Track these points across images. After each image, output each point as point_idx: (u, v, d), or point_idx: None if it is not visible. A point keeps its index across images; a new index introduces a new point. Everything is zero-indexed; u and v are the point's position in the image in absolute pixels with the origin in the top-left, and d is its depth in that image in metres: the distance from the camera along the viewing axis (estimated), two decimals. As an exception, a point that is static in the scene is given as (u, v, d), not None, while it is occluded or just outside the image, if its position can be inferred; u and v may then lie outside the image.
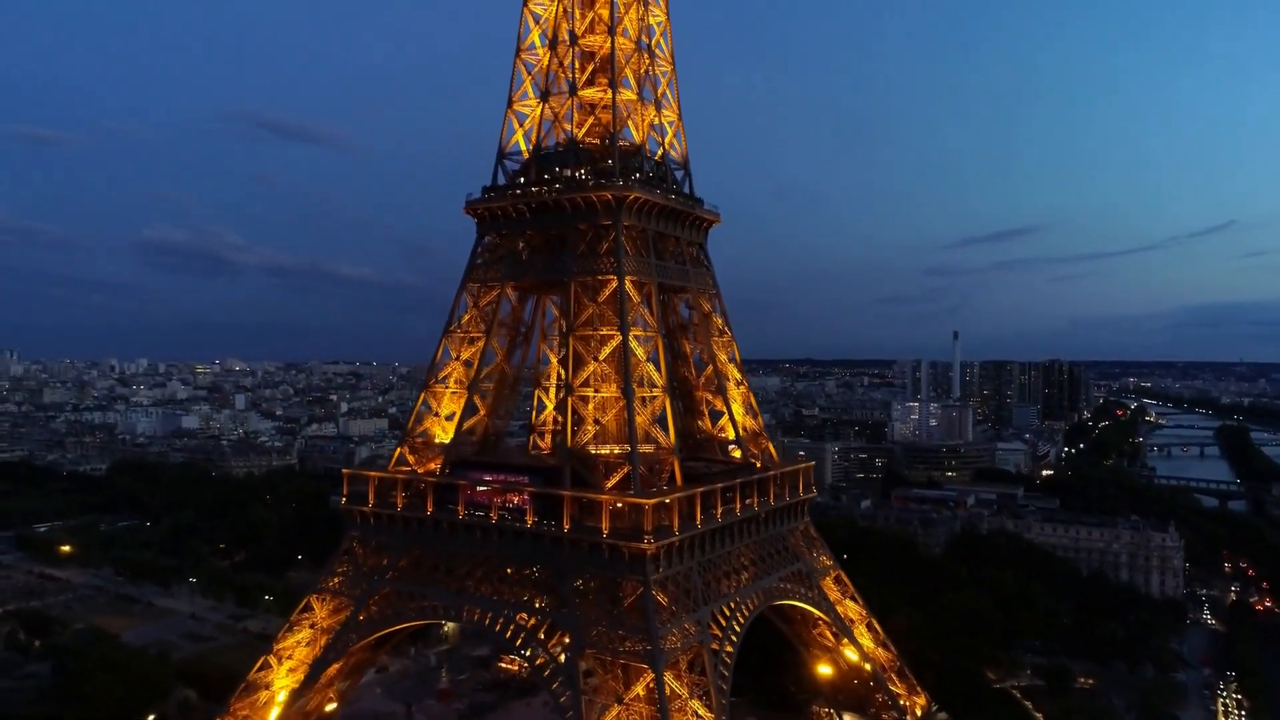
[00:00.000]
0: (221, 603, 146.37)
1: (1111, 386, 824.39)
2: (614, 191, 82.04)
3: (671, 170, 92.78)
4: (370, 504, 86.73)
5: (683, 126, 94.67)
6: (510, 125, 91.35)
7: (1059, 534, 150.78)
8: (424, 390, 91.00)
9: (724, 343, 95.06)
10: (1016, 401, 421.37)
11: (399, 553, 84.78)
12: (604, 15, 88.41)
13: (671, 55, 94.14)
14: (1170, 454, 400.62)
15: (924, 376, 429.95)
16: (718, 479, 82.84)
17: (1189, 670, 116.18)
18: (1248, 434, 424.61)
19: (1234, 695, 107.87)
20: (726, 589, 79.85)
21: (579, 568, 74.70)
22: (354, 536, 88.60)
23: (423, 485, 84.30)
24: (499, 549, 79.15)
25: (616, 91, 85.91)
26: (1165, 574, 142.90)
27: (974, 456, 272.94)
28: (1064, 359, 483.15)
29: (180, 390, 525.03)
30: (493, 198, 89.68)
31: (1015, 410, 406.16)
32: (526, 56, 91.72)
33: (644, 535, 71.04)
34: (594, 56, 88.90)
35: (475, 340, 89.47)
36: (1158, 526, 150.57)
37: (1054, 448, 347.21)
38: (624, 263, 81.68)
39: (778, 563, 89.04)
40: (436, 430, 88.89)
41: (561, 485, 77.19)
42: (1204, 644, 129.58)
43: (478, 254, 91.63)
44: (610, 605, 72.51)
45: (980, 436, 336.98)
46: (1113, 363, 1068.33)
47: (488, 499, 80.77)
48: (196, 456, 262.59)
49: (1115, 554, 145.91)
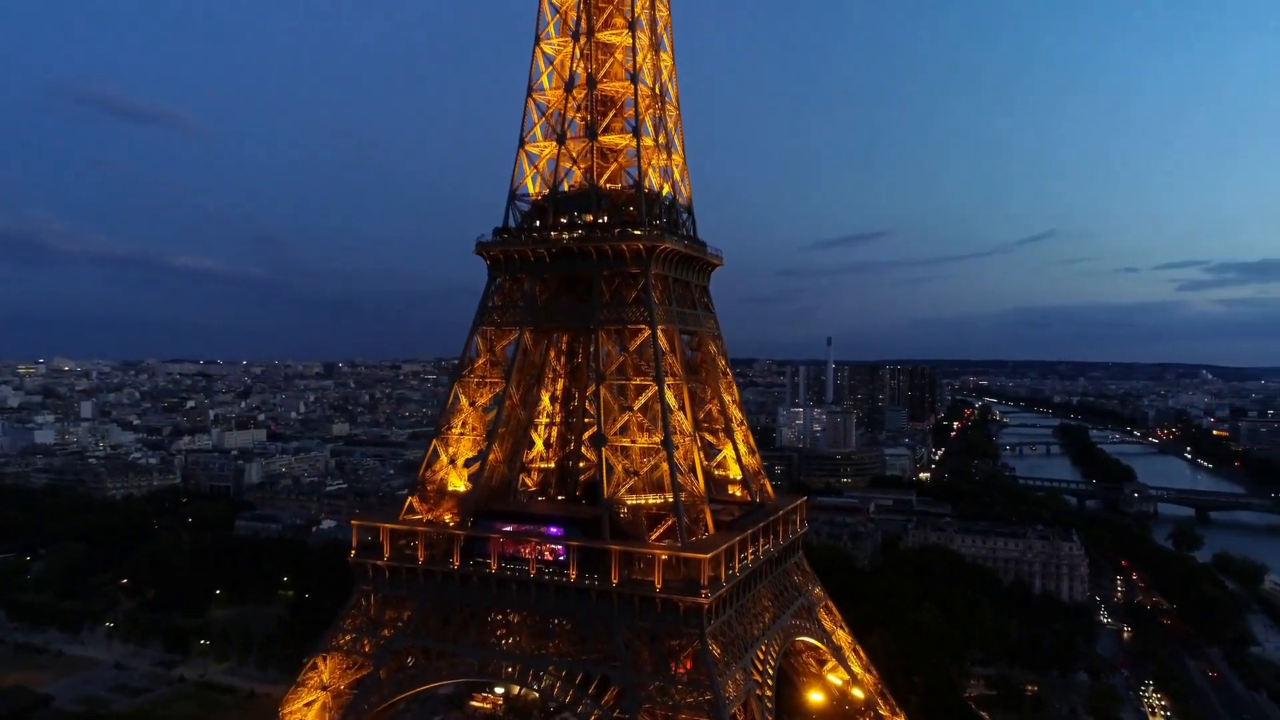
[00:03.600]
0: (145, 648, 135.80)
1: (953, 385, 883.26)
2: (645, 242, 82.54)
3: (680, 213, 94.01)
4: (385, 556, 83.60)
5: (687, 169, 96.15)
6: (521, 166, 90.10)
7: (979, 545, 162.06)
8: (435, 438, 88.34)
9: (727, 383, 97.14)
10: (888, 404, 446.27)
11: (420, 608, 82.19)
12: (621, 60, 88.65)
13: (678, 99, 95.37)
14: (1021, 453, 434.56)
15: (802, 382, 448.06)
16: (736, 521, 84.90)
17: (1114, 673, 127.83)
18: (1087, 433, 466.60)
19: (1156, 696, 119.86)
20: (757, 632, 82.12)
21: (628, 622, 74.92)
22: (365, 590, 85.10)
23: (448, 536, 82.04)
24: (537, 603, 78.18)
25: (640, 139, 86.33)
26: (1073, 580, 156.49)
27: (867, 463, 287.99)
28: (911, 359, 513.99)
29: (10, 395, 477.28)
30: (509, 240, 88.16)
31: (887, 413, 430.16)
32: (538, 97, 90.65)
33: (700, 589, 72.25)
34: (613, 102, 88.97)
35: (492, 385, 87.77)
36: (1063, 536, 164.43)
37: (926, 450, 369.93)
38: (655, 312, 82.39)
39: (788, 600, 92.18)
40: (451, 478, 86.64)
41: (603, 537, 77.15)
42: (1112, 645, 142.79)
43: (491, 296, 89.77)
44: (663, 659, 73.23)
45: (859, 440, 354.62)
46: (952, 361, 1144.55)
47: (522, 551, 79.67)
48: (64, 478, 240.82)
49: (1029, 563, 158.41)
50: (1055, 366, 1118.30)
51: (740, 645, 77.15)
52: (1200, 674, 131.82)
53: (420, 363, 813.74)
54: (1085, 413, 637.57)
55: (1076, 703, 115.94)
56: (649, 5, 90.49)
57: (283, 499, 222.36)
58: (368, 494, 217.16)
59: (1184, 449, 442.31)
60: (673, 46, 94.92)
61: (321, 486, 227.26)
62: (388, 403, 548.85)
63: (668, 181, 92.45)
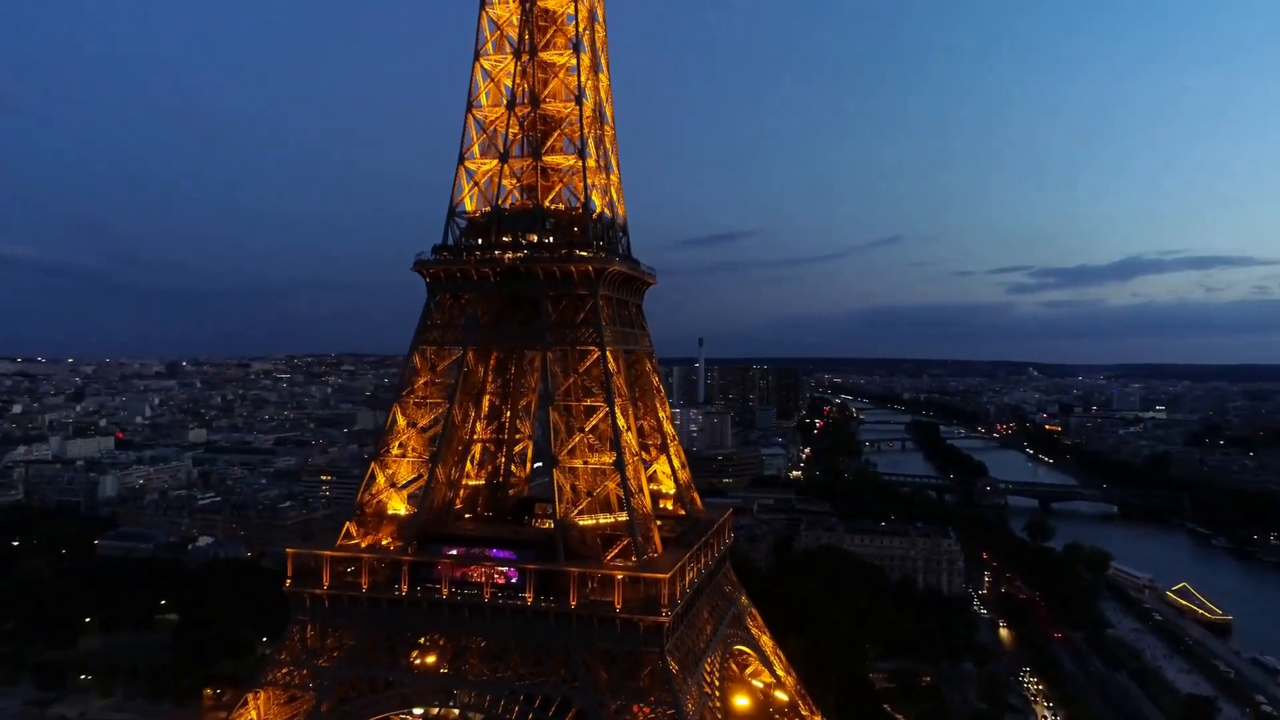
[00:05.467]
0: (12, 686, 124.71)
1: (810, 383, 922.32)
2: (595, 264, 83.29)
3: (618, 233, 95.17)
4: (326, 585, 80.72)
5: (622, 188, 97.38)
6: (460, 183, 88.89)
7: (867, 544, 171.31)
8: (374, 460, 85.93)
9: (660, 399, 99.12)
10: (758, 404, 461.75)
11: (364, 636, 79.88)
12: (563, 80, 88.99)
13: (613, 119, 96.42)
14: (880, 449, 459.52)
15: (675, 382, 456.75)
16: (682, 537, 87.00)
17: (996, 661, 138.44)
18: (938, 430, 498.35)
19: (1033, 680, 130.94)
20: (703, 645, 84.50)
21: (587, 643, 75.56)
22: (302, 621, 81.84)
23: (392, 562, 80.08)
24: (493, 628, 77.61)
25: (586, 160, 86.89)
26: (952, 574, 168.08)
27: (746, 463, 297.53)
28: (771, 357, 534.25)
29: None
30: (450, 259, 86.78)
31: (758, 413, 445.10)
32: (477, 113, 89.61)
33: (660, 607, 73.87)
34: (555, 121, 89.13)
35: (432, 405, 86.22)
36: (942, 533, 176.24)
37: (796, 448, 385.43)
38: (604, 334, 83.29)
39: (722, 610, 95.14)
40: (391, 502, 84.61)
41: (557, 559, 77.48)
42: (989, 634, 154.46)
43: (431, 314, 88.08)
44: (622, 678, 74.38)
45: (735, 440, 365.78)
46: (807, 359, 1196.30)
47: (471, 574, 78.87)
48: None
49: (913, 559, 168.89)
50: (901, 364, 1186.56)
51: (692, 659, 79.30)
52: (1067, 657, 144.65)
53: (272, 360, 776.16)
54: (933, 409, 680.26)
55: (968, 690, 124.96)
56: (589, 26, 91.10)
57: (149, 515, 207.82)
58: (245, 507, 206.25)
59: (1022, 443, 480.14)
60: (609, 66, 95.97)
61: (192, 500, 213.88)
62: (242, 405, 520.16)
63: (606, 201, 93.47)
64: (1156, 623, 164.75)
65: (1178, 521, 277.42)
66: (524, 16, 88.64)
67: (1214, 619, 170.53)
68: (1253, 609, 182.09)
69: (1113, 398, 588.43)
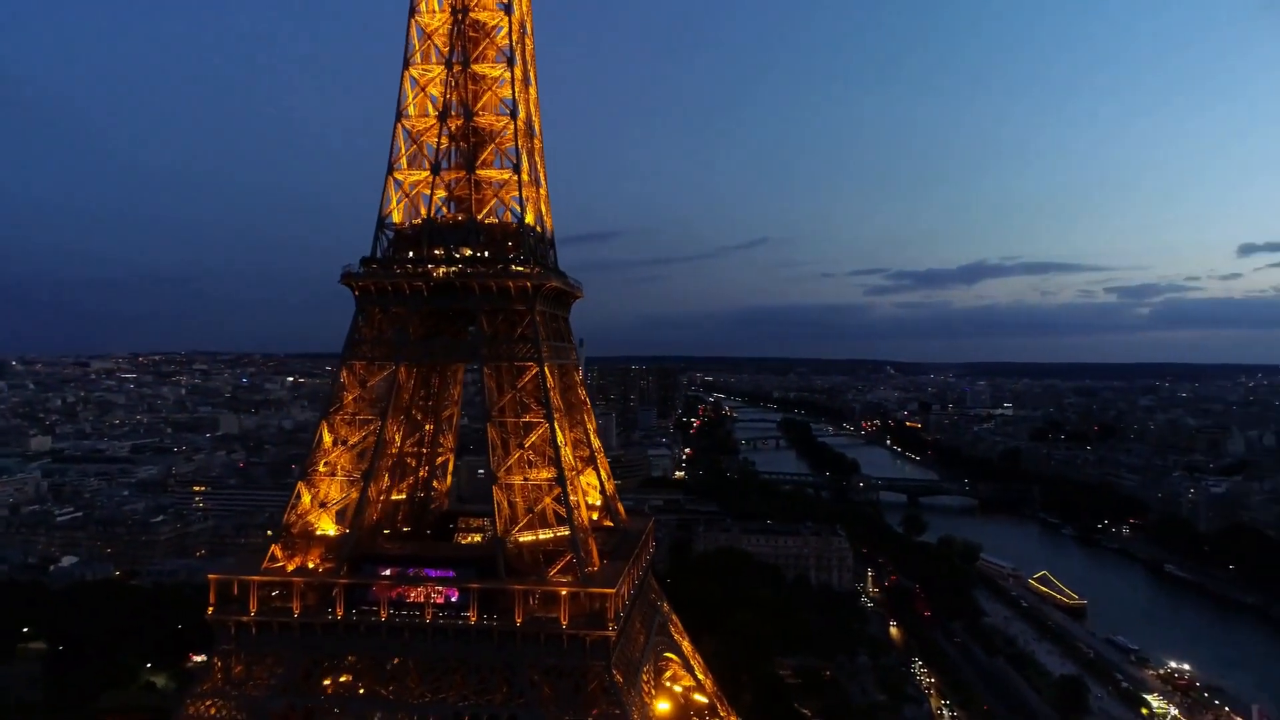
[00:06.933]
0: None
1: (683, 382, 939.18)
2: (533, 280, 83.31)
3: (547, 247, 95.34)
4: (253, 612, 77.41)
5: (549, 201, 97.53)
6: (388, 194, 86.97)
7: (763, 544, 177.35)
8: (300, 479, 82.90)
9: (587, 412, 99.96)
10: (639, 404, 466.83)
11: (296, 664, 77.12)
12: (496, 92, 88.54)
13: (541, 131, 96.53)
14: (756, 447, 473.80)
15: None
16: (618, 549, 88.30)
17: (889, 653, 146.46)
18: (809, 428, 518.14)
19: (923, 670, 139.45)
20: (638, 654, 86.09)
21: (532, 660, 75.63)
22: (225, 650, 78.13)
23: (325, 585, 77.65)
24: (434, 649, 76.53)
25: (521, 174, 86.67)
26: (842, 571, 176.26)
27: (635, 465, 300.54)
28: (645, 355, 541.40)
29: None
30: (382, 273, 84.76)
31: (639, 413, 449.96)
32: (406, 123, 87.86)
33: (606, 622, 74.88)
34: (488, 134, 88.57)
35: (362, 422, 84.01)
36: (831, 531, 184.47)
37: (678, 448, 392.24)
38: (541, 349, 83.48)
39: (650, 618, 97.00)
40: (322, 522, 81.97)
41: (498, 576, 77.25)
42: (880, 627, 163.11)
43: (359, 329, 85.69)
44: (570, 693, 74.96)
45: (618, 441, 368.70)
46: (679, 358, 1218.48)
47: (408, 595, 77.53)
48: None
49: (806, 557, 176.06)
50: (769, 363, 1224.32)
51: (633, 669, 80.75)
52: (950, 645, 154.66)
53: (114, 359, 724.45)
54: (802, 407, 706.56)
55: (866, 683, 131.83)
56: (520, 39, 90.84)
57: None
58: (111, 523, 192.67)
59: (886, 439, 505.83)
60: (536, 79, 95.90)
61: (49, 516, 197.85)
62: (87, 408, 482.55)
63: (536, 215, 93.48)
64: (1023, 609, 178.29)
65: (1030, 512, 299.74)
66: (455, 27, 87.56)
67: (1071, 603, 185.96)
68: (1101, 593, 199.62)
69: (966, 395, 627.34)
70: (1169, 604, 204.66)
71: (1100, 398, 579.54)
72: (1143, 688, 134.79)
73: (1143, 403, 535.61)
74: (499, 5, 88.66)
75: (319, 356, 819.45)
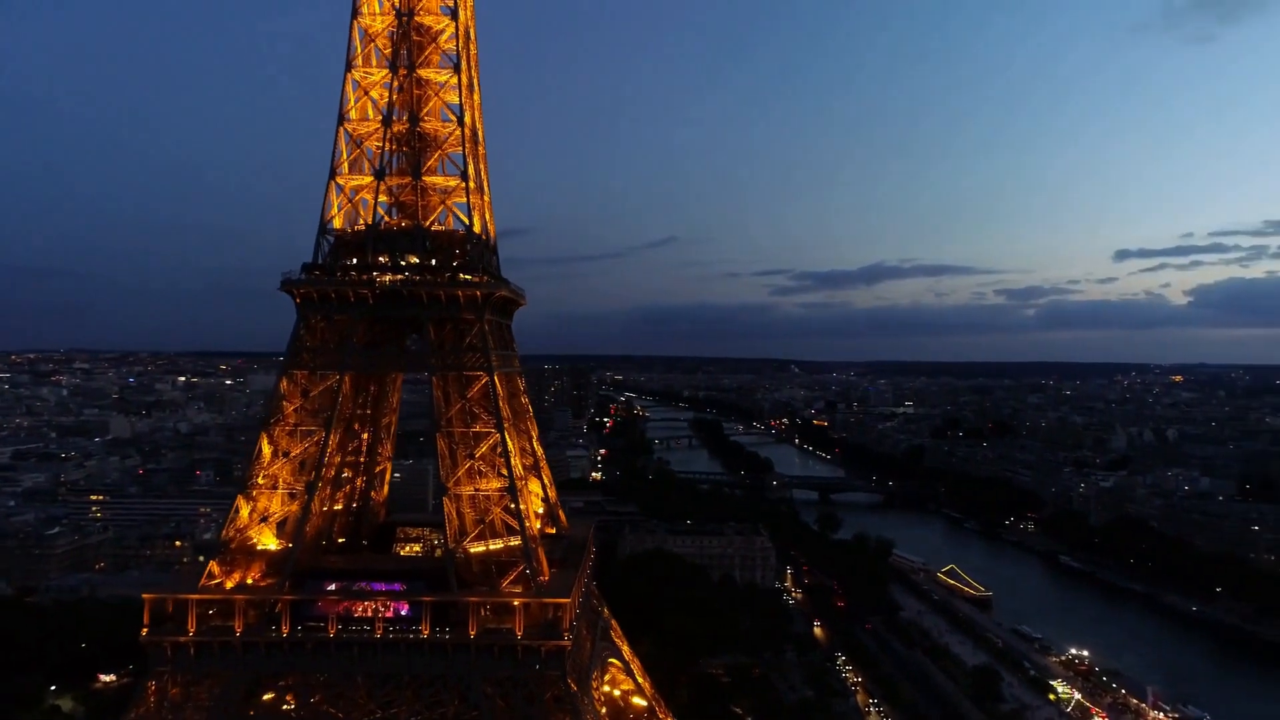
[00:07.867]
0: None
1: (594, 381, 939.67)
2: (482, 289, 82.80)
3: (490, 254, 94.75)
4: (191, 631, 74.57)
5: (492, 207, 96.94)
6: (330, 199, 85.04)
7: (689, 545, 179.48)
8: (239, 493, 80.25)
9: (530, 419, 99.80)
10: (553, 404, 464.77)
11: (237, 685, 74.69)
12: (442, 97, 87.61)
13: (484, 137, 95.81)
14: (670, 447, 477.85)
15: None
16: (567, 558, 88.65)
17: (814, 650, 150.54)
18: (721, 427, 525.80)
19: (847, 665, 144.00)
20: (587, 662, 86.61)
21: (486, 672, 75.28)
22: (161, 672, 75.05)
23: (267, 602, 75.45)
24: (383, 664, 75.31)
25: (468, 180, 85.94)
26: (765, 570, 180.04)
27: (555, 466, 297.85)
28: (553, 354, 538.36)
29: None
30: (326, 280, 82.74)
31: (554, 413, 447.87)
32: (348, 127, 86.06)
33: (561, 631, 75.22)
34: (432, 139, 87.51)
35: (304, 433, 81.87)
36: (754, 531, 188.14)
37: (593, 448, 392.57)
38: (491, 358, 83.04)
39: (593, 624, 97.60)
40: (263, 536, 79.53)
41: (450, 588, 76.60)
42: (803, 624, 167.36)
43: (301, 338, 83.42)
44: (524, 704, 74.99)
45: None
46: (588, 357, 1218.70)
47: (355, 609, 76.10)
48: None
49: (730, 557, 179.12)
50: (678, 361, 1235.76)
51: (584, 677, 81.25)
52: (870, 640, 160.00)
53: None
54: (712, 406, 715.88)
55: (795, 679, 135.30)
56: (465, 44, 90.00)
57: None
58: (2, 535, 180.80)
59: (794, 438, 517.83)
60: (479, 85, 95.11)
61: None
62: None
63: (481, 222, 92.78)
64: (935, 602, 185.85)
65: (935, 508, 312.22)
66: (400, 31, 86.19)
67: (978, 595, 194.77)
68: (1004, 585, 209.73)
69: (869, 394, 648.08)
70: (1065, 594, 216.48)
71: (994, 396, 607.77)
72: (1048, 674, 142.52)
73: (1032, 400, 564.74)
74: (443, 9, 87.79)
75: (213, 355, 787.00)
